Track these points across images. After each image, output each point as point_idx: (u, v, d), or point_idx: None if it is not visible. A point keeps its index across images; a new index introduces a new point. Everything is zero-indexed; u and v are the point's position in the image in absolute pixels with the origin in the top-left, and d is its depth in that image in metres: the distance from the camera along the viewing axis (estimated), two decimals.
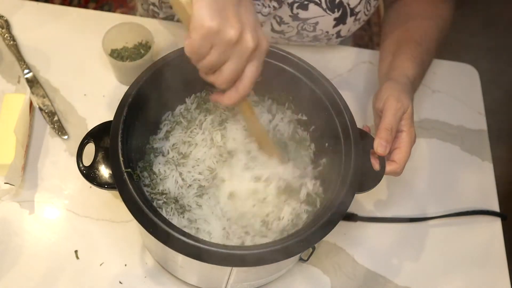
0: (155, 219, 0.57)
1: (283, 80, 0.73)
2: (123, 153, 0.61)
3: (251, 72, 0.58)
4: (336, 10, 0.85)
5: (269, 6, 0.84)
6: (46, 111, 0.86)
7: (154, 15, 1.02)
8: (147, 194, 0.67)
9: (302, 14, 0.85)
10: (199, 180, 0.70)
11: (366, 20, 0.90)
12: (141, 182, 0.68)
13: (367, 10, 0.88)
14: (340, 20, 0.86)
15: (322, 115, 0.71)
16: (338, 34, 0.90)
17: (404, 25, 0.88)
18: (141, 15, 1.10)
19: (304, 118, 0.76)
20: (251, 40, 0.55)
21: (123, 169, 0.60)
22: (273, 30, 0.90)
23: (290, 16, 0.86)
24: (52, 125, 0.84)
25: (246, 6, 0.56)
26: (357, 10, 0.86)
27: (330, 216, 0.60)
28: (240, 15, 0.55)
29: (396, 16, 0.92)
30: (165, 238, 0.56)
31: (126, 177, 0.59)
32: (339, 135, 0.67)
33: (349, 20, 0.87)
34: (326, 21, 0.86)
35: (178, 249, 0.56)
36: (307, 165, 0.74)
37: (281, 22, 0.88)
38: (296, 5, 0.84)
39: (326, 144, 0.72)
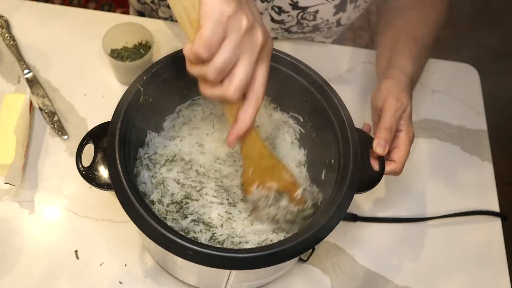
0: (152, 222, 0.56)
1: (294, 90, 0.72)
2: (120, 154, 0.61)
3: (262, 76, 0.52)
4: None
5: None
6: (46, 111, 0.86)
7: (152, 14, 1.01)
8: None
9: (302, 2, 0.85)
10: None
11: (365, 7, 0.90)
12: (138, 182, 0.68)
13: None
14: (340, 8, 0.86)
15: (318, 114, 0.71)
16: (338, 22, 0.89)
17: (399, 20, 0.87)
18: (135, 9, 1.09)
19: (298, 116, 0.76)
20: (260, 34, 0.52)
21: (120, 170, 0.59)
22: (273, 20, 0.90)
23: (289, 4, 0.85)
24: (52, 125, 0.84)
25: (252, 1, 0.53)
26: None
27: (329, 218, 0.60)
28: (250, 6, 0.51)
29: (391, 11, 0.91)
30: (162, 240, 0.56)
31: (123, 178, 0.59)
32: (337, 135, 0.67)
33: (349, 7, 0.86)
34: (326, 8, 0.86)
35: (175, 251, 0.55)
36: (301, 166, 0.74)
37: (280, 11, 0.87)
38: None
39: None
